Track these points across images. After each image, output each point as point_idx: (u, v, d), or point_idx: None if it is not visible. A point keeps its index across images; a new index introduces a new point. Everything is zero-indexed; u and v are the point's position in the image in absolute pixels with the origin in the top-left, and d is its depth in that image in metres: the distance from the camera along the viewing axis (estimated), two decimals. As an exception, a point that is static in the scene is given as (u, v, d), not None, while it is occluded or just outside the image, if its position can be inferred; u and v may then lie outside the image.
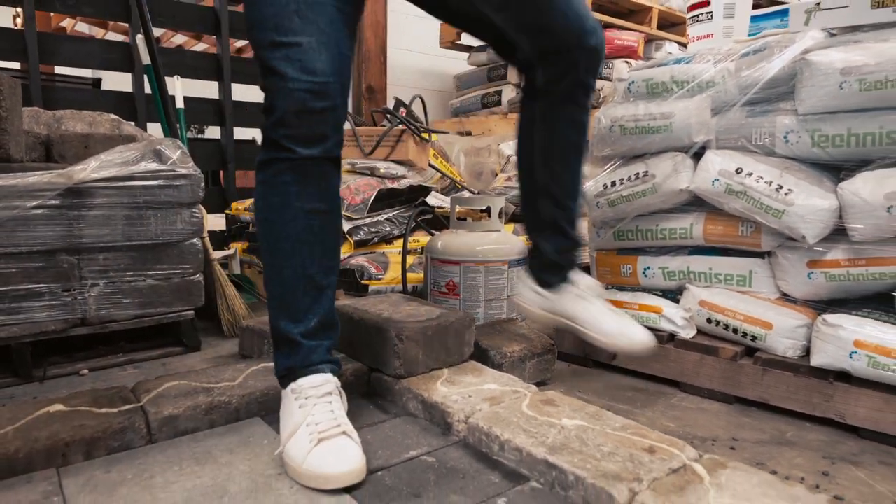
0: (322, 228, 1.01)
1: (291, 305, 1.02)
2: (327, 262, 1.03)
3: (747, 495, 0.76)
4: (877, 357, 1.14)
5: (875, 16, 1.22)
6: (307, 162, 0.96)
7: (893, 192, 1.11)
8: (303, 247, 1.00)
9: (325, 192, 1.00)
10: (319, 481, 0.86)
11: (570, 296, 1.27)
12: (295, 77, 0.91)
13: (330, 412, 0.94)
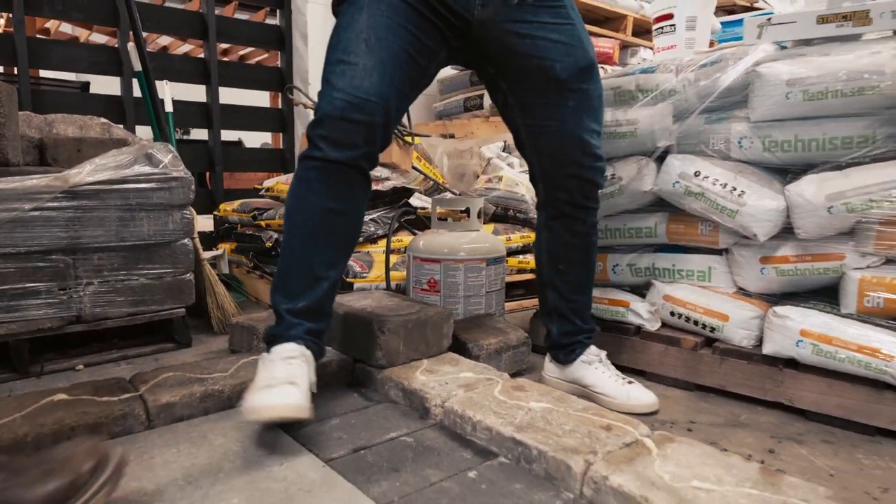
0: (333, 226, 1.12)
1: (287, 284, 1.13)
2: (331, 257, 1.13)
3: (689, 463, 0.85)
4: (820, 345, 1.24)
5: (820, 30, 1.32)
6: (332, 164, 1.07)
7: (833, 193, 1.22)
8: (310, 238, 1.11)
9: (344, 195, 1.10)
10: (256, 412, 0.94)
11: (579, 364, 1.38)
12: (342, 87, 1.04)
13: (286, 369, 1.01)
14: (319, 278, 1.11)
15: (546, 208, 1.36)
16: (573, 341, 1.39)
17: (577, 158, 1.26)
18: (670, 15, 1.60)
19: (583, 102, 1.24)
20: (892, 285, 1.20)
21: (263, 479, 0.91)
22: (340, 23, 1.12)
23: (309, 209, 1.10)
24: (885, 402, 1.19)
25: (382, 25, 1.08)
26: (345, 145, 1.06)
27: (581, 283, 1.39)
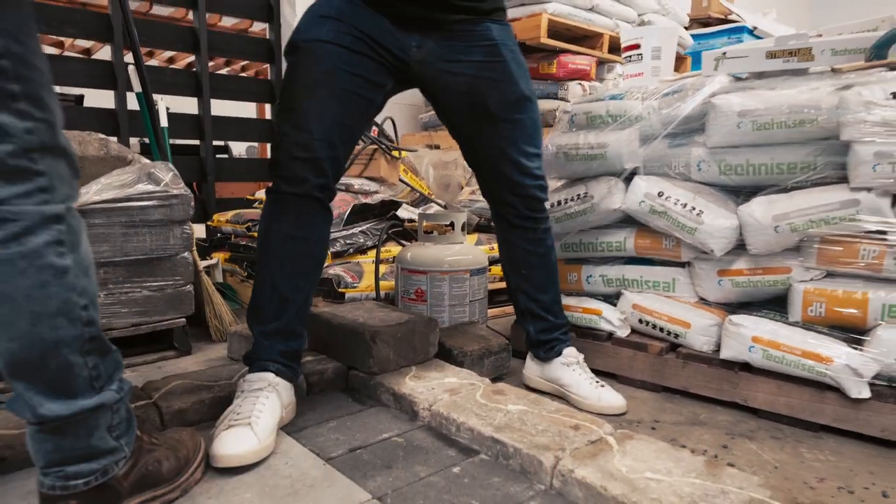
0: (297, 251, 1.24)
1: (258, 308, 1.25)
2: (297, 280, 1.24)
3: (644, 458, 0.98)
4: (769, 350, 1.38)
5: (769, 64, 1.46)
6: (290, 196, 1.21)
7: (779, 214, 1.35)
8: (276, 262, 1.24)
9: (303, 223, 1.23)
10: (214, 460, 1.04)
11: (557, 364, 1.51)
12: (288, 132, 1.19)
13: (251, 405, 1.12)
14: (287, 301, 1.23)
15: (500, 222, 1.51)
16: (551, 338, 1.52)
17: (518, 179, 1.40)
18: (637, 45, 1.73)
19: (517, 130, 1.37)
20: (832, 296, 1.34)
21: (271, 476, 1.02)
22: (288, 73, 1.25)
23: (273, 238, 1.23)
24: (828, 402, 1.33)
25: (324, 70, 1.19)
26: (297, 181, 1.20)
27: (545, 283, 1.52)
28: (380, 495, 0.96)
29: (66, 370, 0.79)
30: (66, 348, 0.78)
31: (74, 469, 0.81)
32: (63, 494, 0.80)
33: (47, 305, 0.76)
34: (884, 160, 1.20)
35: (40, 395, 0.77)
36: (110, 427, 0.85)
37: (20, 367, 0.76)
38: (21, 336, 0.74)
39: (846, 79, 1.27)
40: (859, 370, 1.26)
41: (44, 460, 0.80)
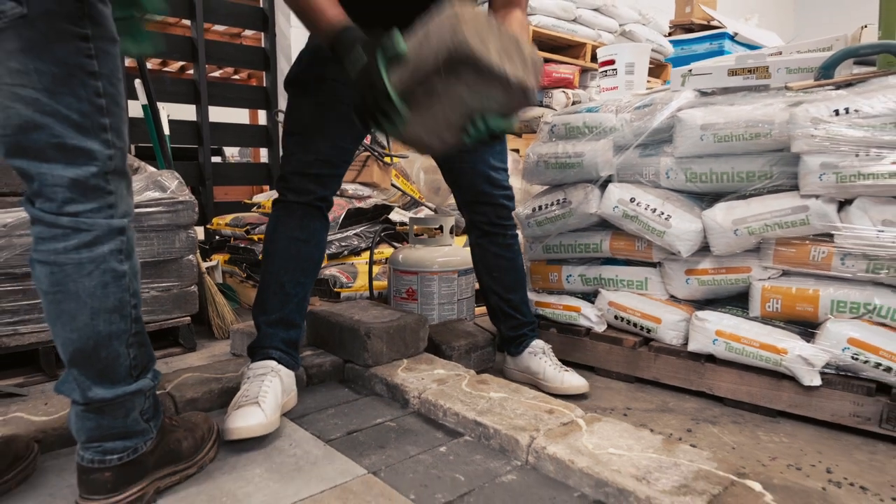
0: (299, 252, 1.40)
1: (263, 300, 1.40)
2: (299, 277, 1.40)
3: (609, 437, 1.10)
4: (731, 343, 1.51)
5: (730, 81, 1.59)
6: (295, 205, 1.37)
7: (738, 218, 1.48)
8: (280, 261, 1.39)
9: (305, 227, 1.39)
10: (227, 434, 1.16)
11: (527, 354, 1.66)
12: (296, 153, 1.37)
13: (258, 387, 1.24)
14: (289, 294, 1.38)
15: (473, 230, 1.67)
16: (519, 334, 1.67)
17: (488, 191, 1.58)
18: (612, 61, 1.86)
19: (488, 149, 1.54)
20: (787, 293, 1.47)
21: (278, 455, 1.14)
22: (292, 103, 1.42)
23: (279, 240, 1.39)
24: (784, 390, 1.46)
25: (323, 103, 1.37)
26: (303, 192, 1.38)
27: (513, 284, 1.67)
28: (374, 470, 1.08)
29: (113, 359, 0.91)
30: (116, 340, 0.90)
31: (111, 445, 0.92)
32: (100, 467, 0.92)
33: (106, 303, 0.88)
34: (829, 170, 1.33)
35: (90, 380, 0.89)
36: (142, 411, 0.97)
37: (77, 355, 0.88)
38: (81, 328, 0.86)
39: (796, 96, 1.40)
40: (810, 360, 1.39)
41: (85, 436, 0.91)
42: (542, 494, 1.01)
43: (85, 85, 0.83)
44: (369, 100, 1.01)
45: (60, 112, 0.82)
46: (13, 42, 0.78)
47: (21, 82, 0.79)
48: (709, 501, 0.89)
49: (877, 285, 1.38)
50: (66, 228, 0.85)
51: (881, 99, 1.26)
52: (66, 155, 0.83)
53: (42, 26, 0.79)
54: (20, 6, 0.76)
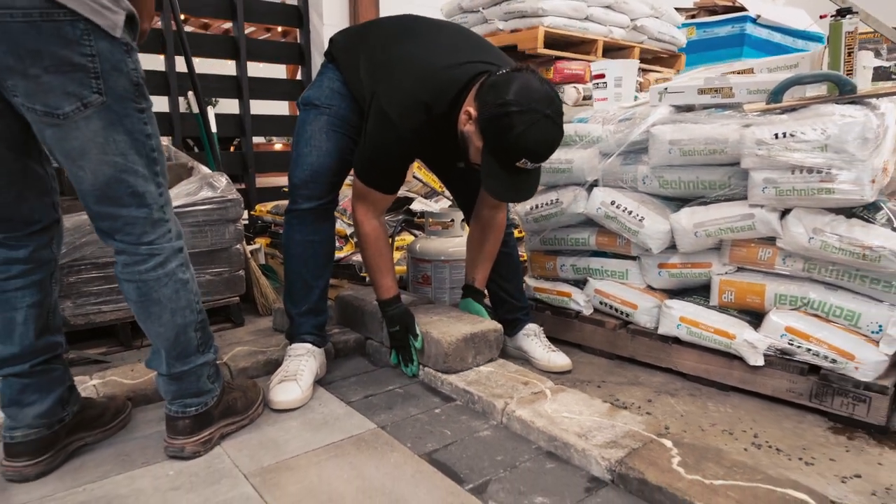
0: (314, 250, 1.68)
1: (292, 294, 1.70)
2: (317, 270, 1.69)
3: (566, 404, 1.40)
4: (691, 328, 1.77)
5: (700, 99, 1.81)
6: (305, 211, 1.63)
7: (698, 222, 1.73)
8: (300, 262, 1.68)
9: (317, 230, 1.67)
10: (271, 404, 1.50)
11: (520, 335, 1.94)
12: (309, 163, 1.62)
13: (297, 365, 1.58)
14: (312, 287, 1.68)
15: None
16: (514, 318, 1.94)
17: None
18: (603, 75, 2.08)
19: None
20: (740, 286, 1.72)
21: (310, 412, 1.48)
22: (305, 118, 1.66)
23: (297, 244, 1.67)
24: (735, 368, 1.71)
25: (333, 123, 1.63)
26: (312, 199, 1.64)
27: (509, 274, 1.94)
28: (383, 425, 1.41)
29: (188, 342, 1.24)
30: (189, 328, 1.23)
31: (189, 401, 1.27)
32: (182, 416, 1.26)
33: (179, 303, 1.20)
34: (770, 185, 1.56)
35: (172, 357, 1.23)
36: (209, 375, 1.31)
37: (164, 343, 1.21)
38: (166, 323, 1.19)
39: (748, 119, 1.62)
40: (755, 344, 1.64)
41: (171, 395, 1.26)
42: (508, 446, 1.32)
43: (145, 145, 1.11)
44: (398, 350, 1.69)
45: (132, 168, 1.10)
46: (97, 123, 1.04)
47: (106, 151, 1.06)
48: (627, 453, 1.18)
49: (812, 282, 1.61)
50: (144, 255, 1.15)
51: (812, 126, 1.48)
52: (137, 199, 1.12)
53: (117, 108, 1.05)
54: (102, 96, 1.03)
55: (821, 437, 1.47)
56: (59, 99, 1.00)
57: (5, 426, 1.20)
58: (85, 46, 0.99)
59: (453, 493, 1.16)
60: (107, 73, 1.03)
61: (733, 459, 1.18)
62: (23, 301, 1.18)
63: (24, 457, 1.19)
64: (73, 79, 1.00)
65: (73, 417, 1.28)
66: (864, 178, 1.43)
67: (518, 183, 1.46)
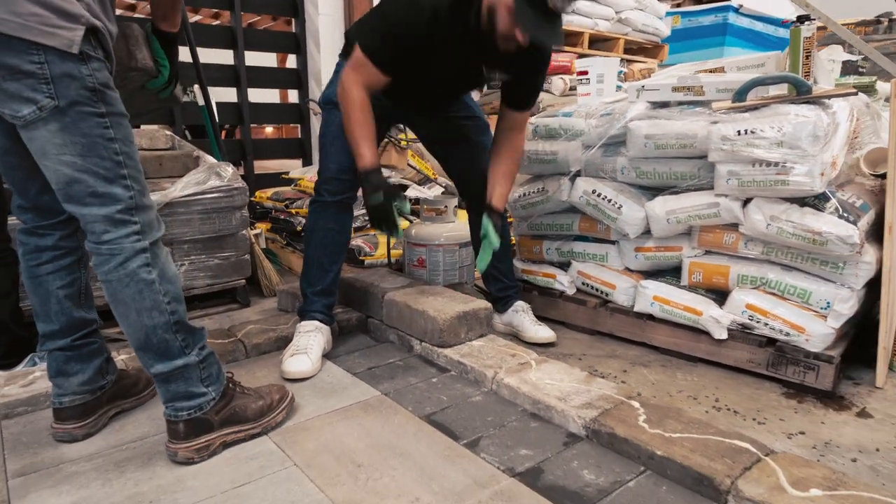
0: (333, 238, 1.85)
1: (308, 275, 1.87)
2: (333, 256, 1.86)
3: (549, 372, 1.57)
4: (664, 306, 1.95)
5: (675, 96, 1.97)
6: (329, 203, 1.79)
7: (670, 210, 1.90)
8: (319, 247, 1.84)
9: (337, 219, 1.84)
10: (284, 374, 1.67)
11: (510, 312, 2.10)
12: (335, 160, 1.79)
13: (307, 341, 1.74)
14: (327, 270, 1.85)
15: (472, 210, 2.10)
16: (506, 295, 2.12)
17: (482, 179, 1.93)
18: (587, 72, 2.24)
19: (483, 148, 1.96)
20: (707, 267, 1.90)
21: (319, 382, 1.65)
22: (328, 118, 1.82)
23: (318, 230, 1.84)
24: (702, 342, 1.90)
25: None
26: (337, 193, 1.81)
27: (501, 255, 2.06)
28: (386, 392, 1.59)
29: (163, 342, 1.22)
30: (160, 329, 1.21)
31: (181, 404, 1.26)
32: (175, 420, 1.27)
33: (144, 303, 1.19)
34: (733, 177, 1.73)
35: (151, 359, 1.23)
36: (202, 378, 1.28)
37: (136, 343, 1.22)
38: (133, 323, 1.21)
39: (715, 116, 1.78)
40: (719, 320, 1.82)
41: (163, 398, 1.27)
42: (497, 409, 1.50)
43: (106, 148, 1.15)
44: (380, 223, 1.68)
45: (91, 169, 1.13)
46: (53, 125, 1.10)
47: (62, 152, 1.11)
48: (600, 412, 1.36)
49: (770, 263, 1.79)
50: (106, 254, 1.18)
51: (770, 124, 1.65)
52: (99, 199, 1.15)
53: (71, 111, 1.10)
54: (53, 100, 1.08)
55: (774, 402, 1.66)
56: (18, 104, 1.08)
57: (54, 393, 1.35)
58: (33, 55, 1.05)
59: (450, 447, 1.34)
60: (57, 78, 1.08)
61: (691, 417, 1.36)
62: (55, 283, 1.31)
63: (72, 420, 1.35)
64: (26, 84, 1.06)
65: (112, 386, 1.43)
66: (814, 172, 1.60)
67: (551, 27, 1.52)
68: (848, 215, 1.62)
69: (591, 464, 1.28)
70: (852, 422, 1.54)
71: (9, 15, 1.02)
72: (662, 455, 1.21)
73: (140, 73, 1.39)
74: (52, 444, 1.35)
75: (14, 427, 1.43)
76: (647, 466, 1.24)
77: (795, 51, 1.79)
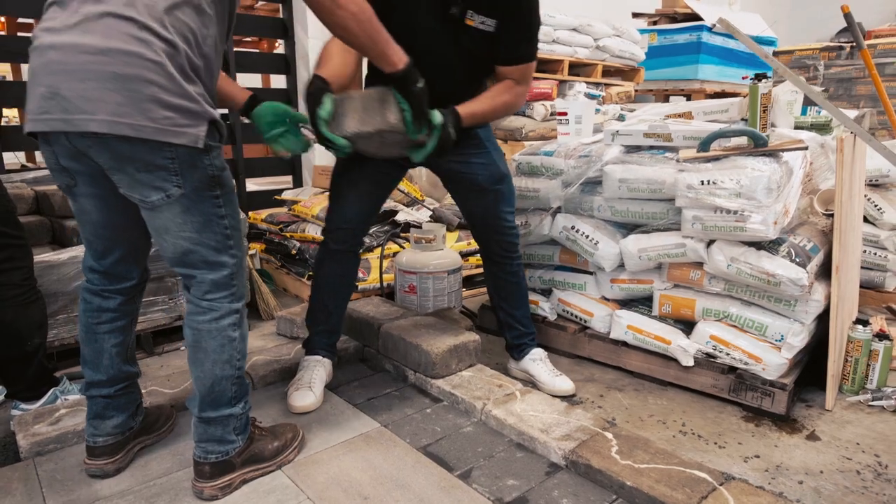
0: (337, 283, 1.98)
1: (314, 315, 2.00)
2: (338, 300, 1.99)
3: (533, 403, 1.74)
4: (636, 334, 2.13)
5: (646, 141, 2.14)
6: (334, 250, 1.93)
7: (642, 248, 2.07)
8: (326, 290, 1.97)
9: (342, 266, 1.97)
10: (291, 409, 1.81)
11: (527, 360, 2.11)
12: (340, 213, 1.89)
13: (310, 375, 1.89)
14: (331, 312, 1.98)
15: (486, 259, 2.14)
16: (521, 343, 2.13)
17: (499, 229, 2.03)
18: (566, 112, 2.40)
19: (499, 197, 1.99)
20: (675, 300, 2.08)
21: (323, 413, 1.80)
22: (337, 169, 1.91)
23: (325, 275, 1.97)
24: (672, 368, 2.08)
25: (363, 176, 1.86)
26: (342, 242, 1.92)
27: (517, 302, 2.15)
28: (385, 424, 1.74)
29: (221, 392, 1.38)
30: (225, 381, 1.38)
31: (211, 447, 1.40)
32: (203, 461, 1.40)
33: (222, 356, 1.36)
34: (697, 221, 1.91)
35: (206, 404, 1.39)
36: (235, 428, 1.42)
37: (201, 387, 1.38)
38: (206, 370, 1.36)
39: (682, 165, 1.96)
40: (686, 348, 2.01)
41: (197, 437, 1.40)
42: (486, 439, 1.67)
43: (218, 224, 1.32)
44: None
45: (205, 242, 1.31)
46: (177, 208, 1.26)
47: (182, 229, 1.28)
48: (578, 444, 1.53)
49: (732, 299, 1.98)
50: (204, 309, 1.35)
51: (730, 176, 1.83)
52: (209, 266, 1.33)
53: (193, 196, 1.26)
54: (180, 189, 1.24)
55: (734, 425, 1.85)
56: (148, 191, 1.24)
57: (89, 433, 1.49)
58: (166, 152, 1.20)
59: (445, 478, 1.50)
60: (185, 170, 1.23)
61: (657, 447, 1.54)
62: (109, 341, 1.46)
63: (104, 457, 1.49)
64: (158, 176, 1.22)
65: (140, 424, 1.58)
66: (769, 220, 1.79)
67: None
68: (798, 258, 1.81)
69: (569, 492, 1.45)
70: (802, 445, 1.73)
71: (146, 121, 1.16)
72: (631, 485, 1.38)
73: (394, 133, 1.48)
74: (86, 480, 1.49)
75: (47, 464, 1.56)
76: (618, 495, 1.42)
77: (754, 106, 1.97)
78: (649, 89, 5.21)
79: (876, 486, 1.52)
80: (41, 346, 1.83)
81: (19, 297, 1.75)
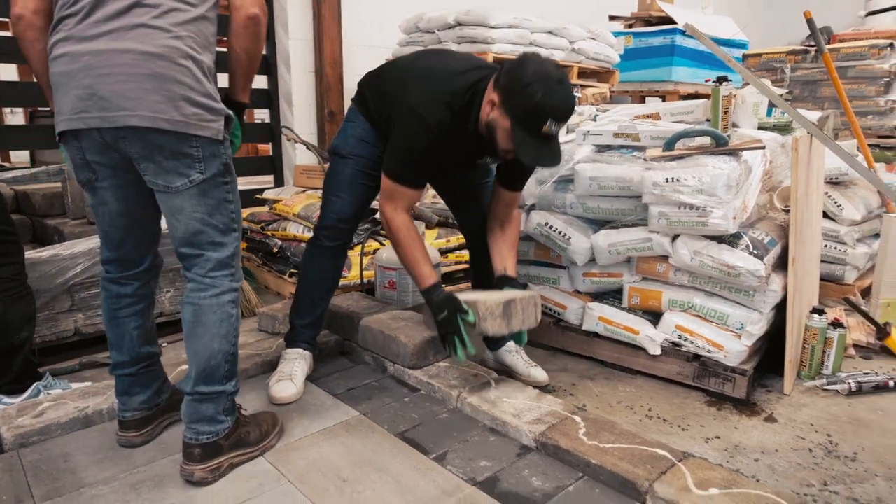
0: (325, 278, 2.04)
1: (299, 308, 2.05)
2: (324, 293, 2.05)
3: (506, 390, 1.82)
4: (607, 325, 2.21)
5: (616, 141, 2.23)
6: (326, 247, 1.98)
7: (612, 242, 2.16)
8: (312, 284, 2.02)
9: (332, 262, 2.02)
10: (272, 399, 1.87)
11: (503, 351, 2.15)
12: (334, 210, 1.94)
13: (291, 367, 1.94)
14: (316, 306, 2.04)
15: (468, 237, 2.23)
16: (500, 337, 2.14)
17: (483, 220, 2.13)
18: (539, 113, 2.48)
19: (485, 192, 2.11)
20: (644, 292, 2.17)
21: (304, 405, 1.86)
22: (333, 167, 1.98)
23: (313, 270, 2.02)
24: (640, 357, 2.17)
25: (357, 174, 1.94)
26: (334, 238, 1.98)
27: None
28: (364, 412, 1.81)
29: (216, 367, 1.45)
30: (220, 355, 1.45)
31: (202, 428, 1.45)
32: (194, 443, 1.46)
33: (220, 330, 1.44)
34: (663, 217, 2.00)
35: (200, 379, 1.44)
36: (224, 408, 1.48)
37: (198, 361, 1.44)
38: (204, 344, 1.44)
39: (648, 164, 2.05)
40: (653, 338, 2.10)
41: (188, 418, 1.45)
42: (462, 425, 1.74)
43: (226, 207, 1.44)
44: (449, 337, 1.74)
45: (213, 224, 1.42)
46: (195, 191, 1.38)
47: (196, 210, 1.39)
48: (548, 427, 1.61)
49: (696, 290, 2.08)
50: (207, 285, 1.44)
51: (693, 174, 1.92)
52: (214, 246, 1.43)
53: (210, 181, 1.39)
54: (202, 174, 1.37)
55: (697, 409, 1.94)
56: (173, 177, 1.35)
57: (118, 409, 1.63)
58: (192, 143, 1.34)
59: (421, 461, 1.57)
60: (207, 159, 1.37)
61: (623, 429, 1.62)
62: (130, 325, 1.57)
63: (133, 430, 1.62)
64: (183, 163, 1.35)
65: (166, 401, 1.68)
66: (728, 215, 1.89)
67: (548, 150, 1.66)
68: (757, 251, 1.91)
69: (539, 472, 1.53)
70: (760, 426, 1.83)
71: (180, 116, 1.30)
72: (596, 463, 1.46)
73: None
74: (70, 470, 1.53)
75: (31, 455, 1.60)
76: (584, 473, 1.50)
77: (715, 108, 2.07)
78: (625, 91, 5.33)
79: (826, 463, 1.62)
80: (28, 340, 1.86)
81: (10, 290, 1.80)
